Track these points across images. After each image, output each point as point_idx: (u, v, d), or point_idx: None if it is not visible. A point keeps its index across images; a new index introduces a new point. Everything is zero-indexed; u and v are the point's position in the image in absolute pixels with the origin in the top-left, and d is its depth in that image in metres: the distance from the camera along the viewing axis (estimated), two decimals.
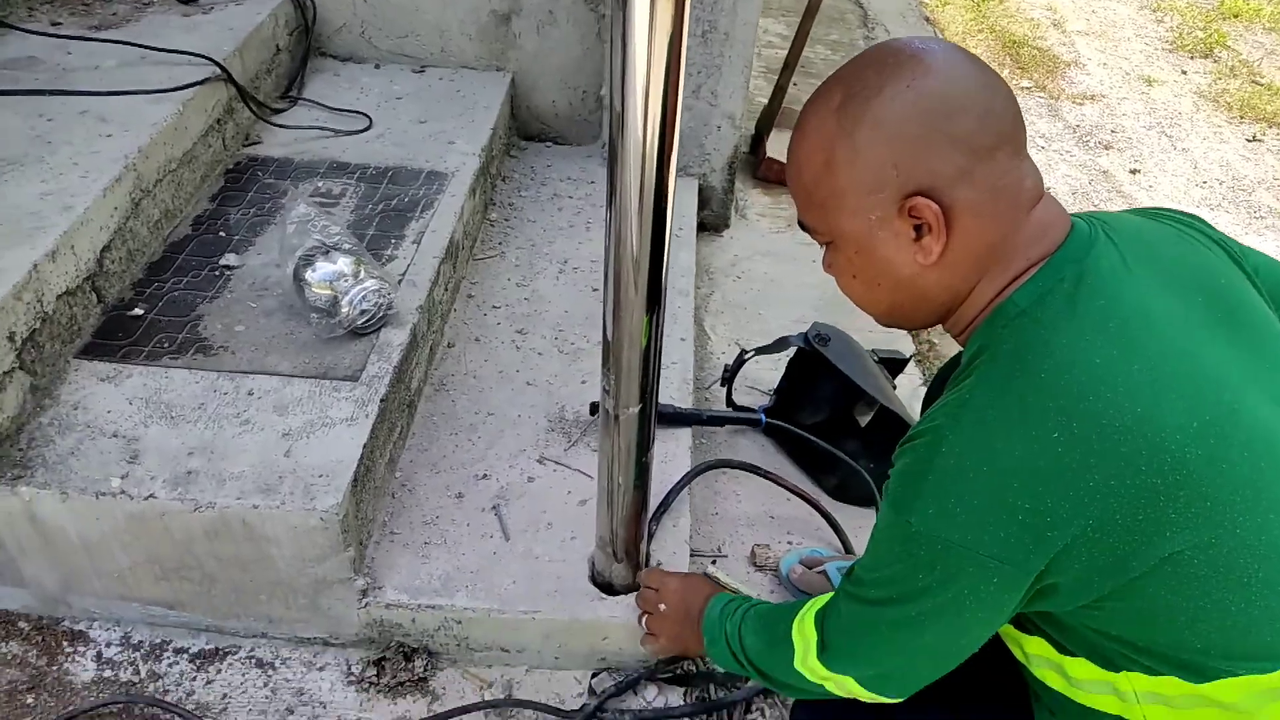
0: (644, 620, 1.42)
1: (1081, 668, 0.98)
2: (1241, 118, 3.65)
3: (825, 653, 1.03)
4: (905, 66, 0.88)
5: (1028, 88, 3.74)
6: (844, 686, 1.03)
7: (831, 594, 1.07)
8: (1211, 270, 0.96)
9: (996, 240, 0.90)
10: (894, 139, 0.87)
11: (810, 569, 1.62)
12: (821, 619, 1.05)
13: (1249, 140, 3.51)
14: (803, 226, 0.99)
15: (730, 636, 1.20)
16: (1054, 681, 1.01)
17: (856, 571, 0.99)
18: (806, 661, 1.05)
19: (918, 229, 0.90)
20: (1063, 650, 0.98)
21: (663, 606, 1.38)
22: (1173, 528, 0.82)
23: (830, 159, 0.91)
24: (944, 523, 0.85)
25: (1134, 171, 3.24)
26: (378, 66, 2.42)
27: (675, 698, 1.51)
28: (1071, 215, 0.95)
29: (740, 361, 1.94)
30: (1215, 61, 4.09)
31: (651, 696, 1.51)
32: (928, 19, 4.27)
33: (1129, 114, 3.61)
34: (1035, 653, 1.02)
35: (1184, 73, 3.98)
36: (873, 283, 0.98)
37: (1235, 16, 4.51)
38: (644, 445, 1.31)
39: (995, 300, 0.92)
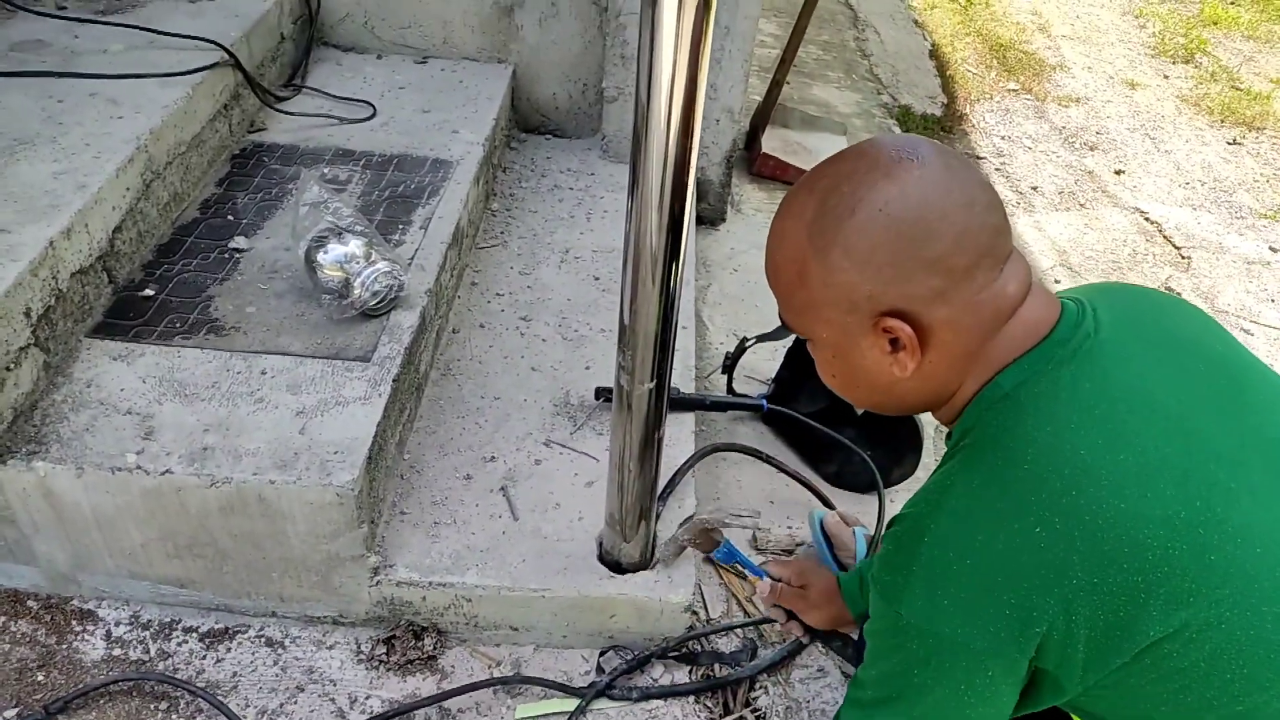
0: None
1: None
2: (1222, 121, 3.72)
3: None
4: (879, 183, 0.85)
5: (1014, 90, 3.80)
6: None
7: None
8: (1209, 338, 0.96)
9: (976, 348, 0.90)
10: (866, 265, 0.86)
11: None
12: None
13: (1229, 143, 3.58)
14: (782, 322, 0.99)
15: None
16: None
17: (858, 675, 1.00)
18: None
19: (893, 342, 0.89)
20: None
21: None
22: (1154, 623, 0.81)
23: (804, 273, 0.90)
24: (933, 615, 0.86)
25: (1119, 172, 3.30)
26: (380, 57, 2.43)
27: (682, 675, 1.53)
28: (1060, 295, 0.95)
29: (741, 349, 1.97)
30: (1196, 67, 4.17)
31: (659, 674, 1.53)
32: (917, 22, 4.32)
33: (1113, 116, 3.68)
34: None
35: (1166, 77, 4.06)
36: (851, 384, 0.98)
37: (1215, 24, 4.59)
38: (657, 422, 1.34)
39: (979, 391, 0.92)
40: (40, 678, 1.43)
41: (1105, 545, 0.81)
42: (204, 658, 1.49)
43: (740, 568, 1.54)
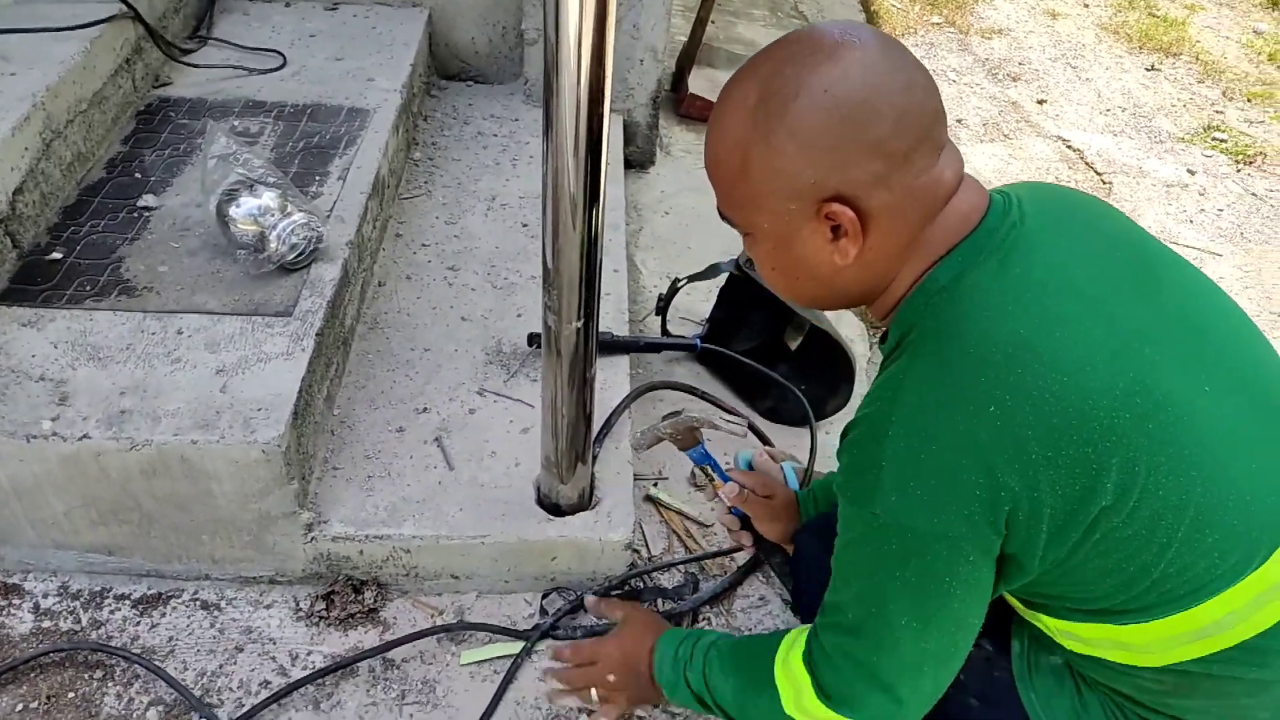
0: (594, 693, 1.34)
1: (1011, 599, 1.04)
2: (1140, 48, 3.77)
3: (828, 697, 1.01)
4: (823, 66, 0.86)
5: (938, 24, 3.81)
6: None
7: (805, 632, 1.06)
8: (1121, 228, 1.00)
9: (914, 235, 0.92)
10: (810, 148, 0.87)
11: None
12: (809, 661, 1.03)
13: (1147, 70, 3.64)
14: (722, 216, 1.00)
15: (694, 684, 1.19)
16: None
17: (828, 601, 0.99)
18: (802, 704, 1.03)
19: (835, 229, 0.91)
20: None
21: (611, 678, 1.32)
22: (1106, 492, 0.85)
23: (746, 161, 0.91)
24: (909, 508, 0.87)
25: (1041, 102, 3.34)
26: (289, 4, 2.35)
27: None
28: (990, 191, 0.97)
29: (674, 289, 1.97)
30: None
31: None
32: None
33: (1035, 47, 3.71)
34: None
35: (1086, 6, 4.10)
36: (792, 276, 0.99)
37: None
38: (587, 361, 1.33)
39: (916, 283, 0.94)
40: None
41: (1054, 419, 0.84)
42: (138, 624, 1.46)
43: (710, 471, 1.55)
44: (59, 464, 1.34)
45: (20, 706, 1.35)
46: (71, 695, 1.37)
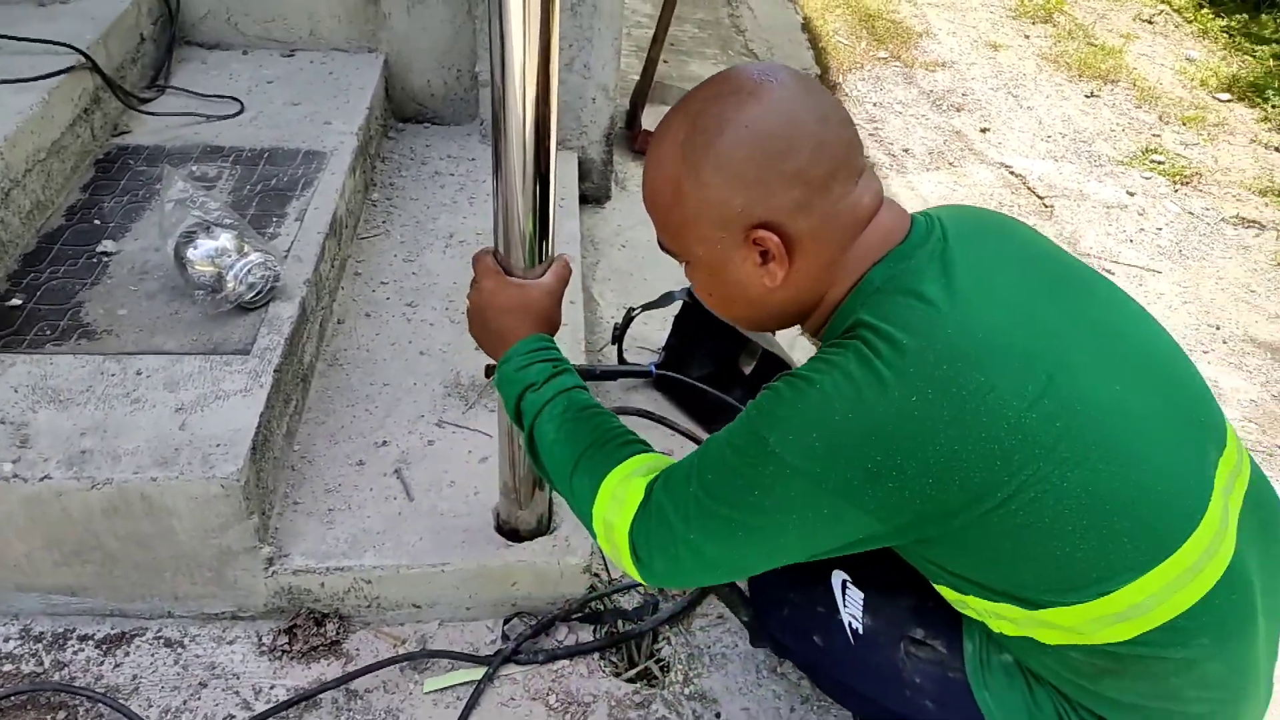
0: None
1: (944, 591, 1.09)
2: (1080, 76, 3.90)
3: (634, 539, 1.04)
4: (745, 103, 0.94)
5: (884, 58, 3.92)
6: (618, 552, 1.06)
7: (655, 468, 1.08)
8: (1036, 244, 1.08)
9: (837, 256, 0.99)
10: (736, 179, 0.94)
11: None
12: (645, 504, 1.05)
13: (1087, 96, 3.77)
14: (662, 247, 1.06)
15: (525, 410, 1.15)
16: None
17: (687, 470, 1.02)
18: (610, 522, 1.06)
19: (763, 255, 0.97)
20: (929, 577, 1.08)
21: (470, 307, 1.26)
22: (1002, 487, 0.90)
23: (679, 192, 0.97)
24: (799, 450, 0.92)
25: (984, 130, 3.44)
26: (245, 52, 2.40)
27: (586, 635, 1.57)
28: (912, 214, 1.04)
29: (629, 318, 2.02)
30: (1054, 26, 4.36)
31: (563, 636, 1.57)
32: None
33: (978, 78, 3.83)
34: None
35: (1027, 37, 4.24)
36: (728, 300, 1.06)
37: None
38: None
39: (846, 295, 1.00)
40: None
41: (967, 415, 0.90)
42: (101, 664, 1.47)
43: None
44: (20, 505, 1.36)
45: None
46: None
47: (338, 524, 1.54)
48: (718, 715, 1.50)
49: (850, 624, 1.22)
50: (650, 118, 2.96)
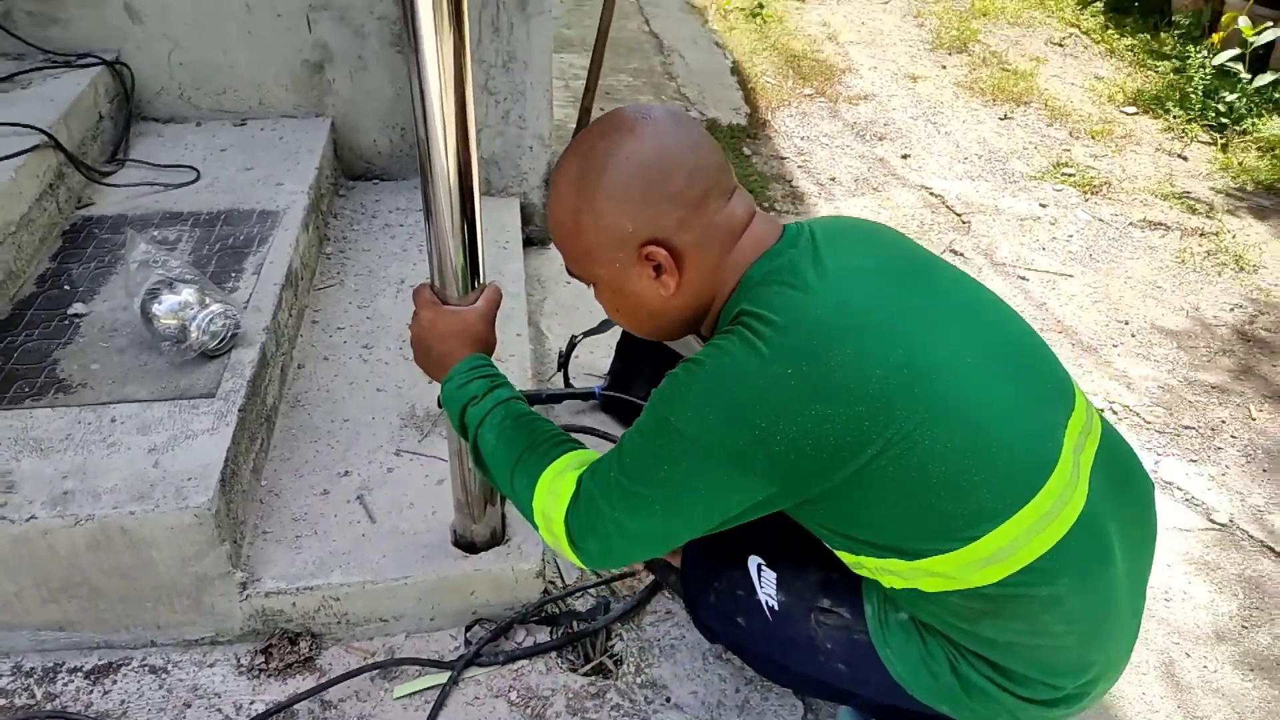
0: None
1: (842, 554, 1.24)
2: (994, 100, 4.14)
3: (569, 526, 1.18)
4: (625, 139, 1.10)
5: (809, 95, 4.14)
6: (558, 541, 1.20)
7: (583, 463, 1.22)
8: (898, 242, 1.26)
9: (719, 262, 1.14)
10: (624, 205, 1.10)
11: None
12: (576, 495, 1.19)
13: (1001, 119, 4.00)
14: (570, 273, 1.22)
15: (469, 423, 1.29)
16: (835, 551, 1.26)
17: (609, 462, 1.17)
18: (548, 514, 1.20)
19: (656, 269, 1.13)
20: (827, 541, 1.23)
21: (414, 332, 1.39)
22: (871, 444, 1.05)
23: (578, 223, 1.13)
24: (698, 422, 1.07)
25: (905, 156, 3.65)
26: (199, 124, 2.55)
27: (543, 635, 1.70)
28: (784, 224, 1.21)
29: (572, 344, 2.16)
30: (970, 55, 4.62)
31: (522, 638, 1.69)
32: (718, 44, 4.65)
33: (899, 108, 4.05)
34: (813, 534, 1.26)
35: (944, 67, 4.48)
36: (632, 313, 1.22)
37: (984, 15, 5.08)
38: None
39: (728, 300, 1.16)
40: None
41: (836, 384, 1.05)
42: (90, 693, 1.58)
43: None
44: (9, 545, 1.47)
45: None
46: None
47: (305, 548, 1.66)
48: (668, 699, 1.62)
49: (767, 602, 1.36)
50: None
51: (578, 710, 1.59)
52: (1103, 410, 2.41)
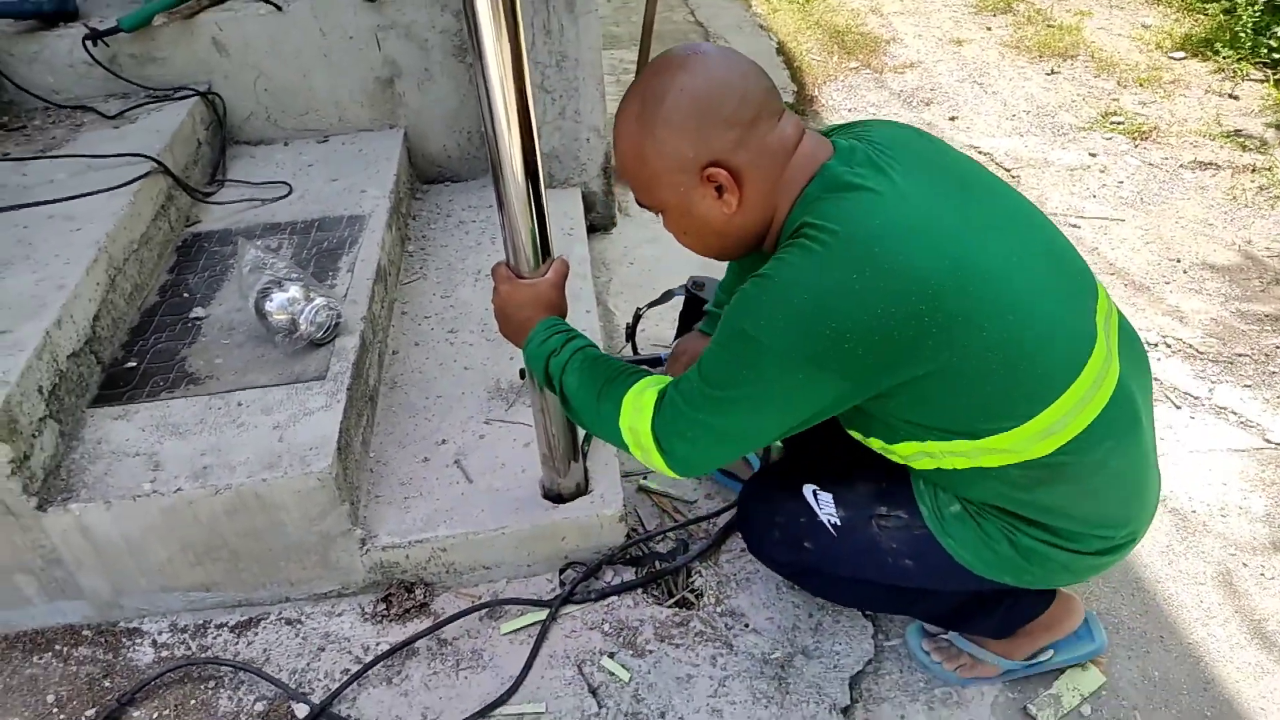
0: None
1: (902, 447, 1.37)
2: (1040, 57, 4.19)
3: (657, 434, 1.32)
4: (678, 74, 1.23)
5: (855, 68, 4.24)
6: (648, 454, 1.35)
7: (661, 381, 1.37)
8: (943, 150, 1.38)
9: (776, 179, 1.27)
10: (682, 132, 1.23)
11: None
12: (659, 404, 1.33)
13: (1048, 74, 4.04)
14: (640, 204, 1.36)
15: (553, 369, 1.45)
16: (895, 456, 1.40)
17: (694, 374, 1.30)
18: (635, 427, 1.34)
19: (718, 190, 1.26)
20: (888, 437, 1.37)
21: (496, 303, 1.56)
22: (934, 341, 1.18)
23: (641, 154, 1.27)
24: (770, 331, 1.20)
25: (952, 119, 3.73)
26: (286, 143, 2.78)
27: (629, 575, 1.87)
28: (835, 139, 1.32)
29: (637, 316, 2.33)
30: (1014, 15, 4.66)
31: (610, 578, 1.87)
32: (762, 26, 4.77)
33: (944, 73, 4.13)
34: (875, 446, 1.40)
35: (988, 29, 4.53)
36: (699, 235, 1.36)
37: None
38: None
39: (788, 215, 1.28)
40: (107, 684, 1.73)
41: (895, 286, 1.17)
42: (236, 644, 1.80)
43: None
44: (160, 516, 1.69)
45: (155, 716, 1.68)
46: (193, 703, 1.70)
47: (413, 508, 1.86)
48: (746, 625, 1.78)
49: (830, 520, 1.50)
50: None
51: (664, 637, 1.76)
52: (1156, 344, 2.49)
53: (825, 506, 1.52)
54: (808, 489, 1.54)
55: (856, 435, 1.43)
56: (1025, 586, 1.45)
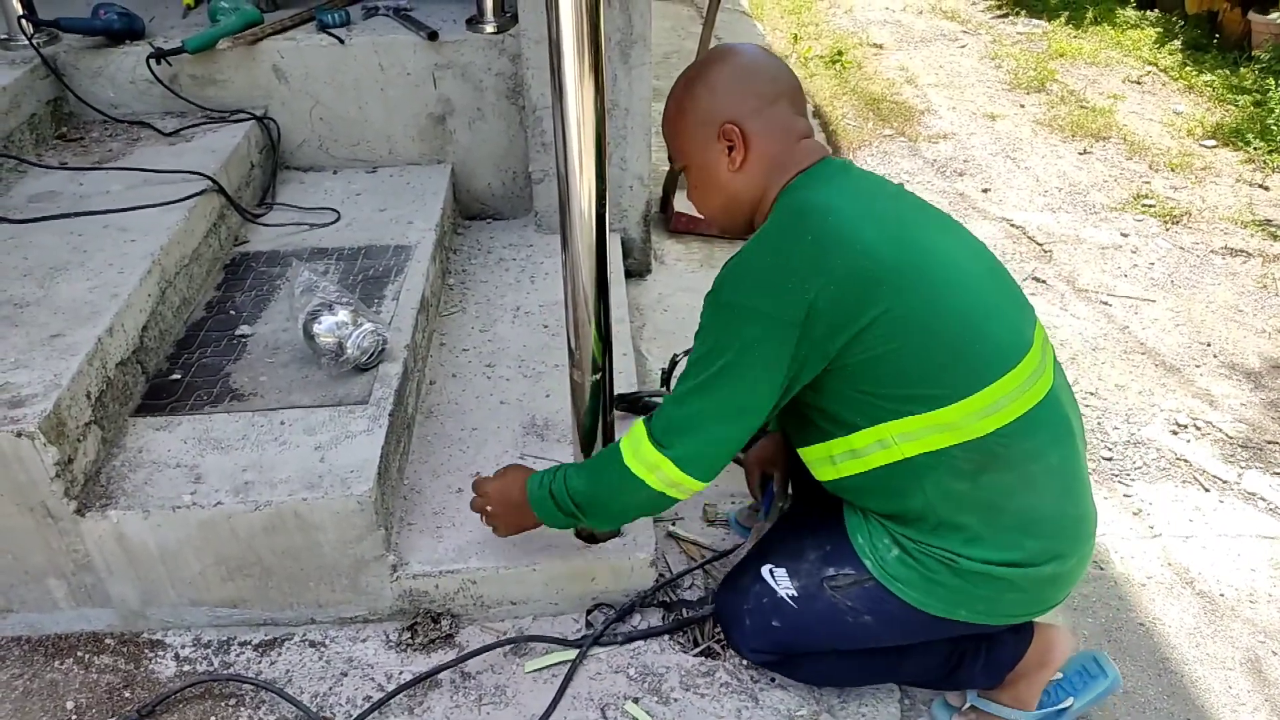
0: (484, 520, 1.74)
1: (860, 437, 1.42)
2: (1073, 136, 4.25)
3: (657, 442, 1.42)
4: (725, 57, 1.47)
5: (889, 135, 4.31)
6: (666, 475, 1.42)
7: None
8: (912, 194, 1.52)
9: (777, 154, 1.43)
10: (714, 91, 1.44)
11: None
12: (649, 421, 1.45)
13: (1080, 154, 4.10)
14: (672, 166, 1.54)
15: (557, 495, 1.56)
16: (850, 468, 1.45)
17: (684, 372, 1.42)
18: (640, 453, 1.43)
19: (730, 149, 1.44)
20: (848, 430, 1.42)
21: (489, 508, 1.70)
22: (879, 299, 1.30)
23: (680, 109, 1.49)
24: (739, 293, 1.35)
25: (985, 190, 3.78)
26: (336, 172, 2.83)
27: (656, 619, 1.86)
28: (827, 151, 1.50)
29: (673, 362, 2.35)
30: (1048, 94, 4.74)
31: (637, 621, 1.86)
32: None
33: (978, 145, 4.19)
34: (837, 452, 1.46)
35: (1022, 106, 4.61)
36: (706, 189, 1.52)
37: (1061, 55, 5.20)
38: (606, 409, 1.70)
39: (780, 191, 1.43)
40: (127, 694, 1.72)
41: (847, 249, 1.32)
42: (259, 663, 1.79)
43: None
44: (197, 528, 1.70)
45: None
46: (212, 719, 1.69)
47: (445, 538, 1.86)
48: (772, 679, 1.77)
49: (788, 594, 1.58)
50: (682, 200, 3.34)
51: (690, 686, 1.74)
52: (1186, 426, 2.49)
53: (781, 581, 1.59)
54: (764, 569, 1.62)
55: (814, 453, 1.50)
56: (985, 621, 1.48)
